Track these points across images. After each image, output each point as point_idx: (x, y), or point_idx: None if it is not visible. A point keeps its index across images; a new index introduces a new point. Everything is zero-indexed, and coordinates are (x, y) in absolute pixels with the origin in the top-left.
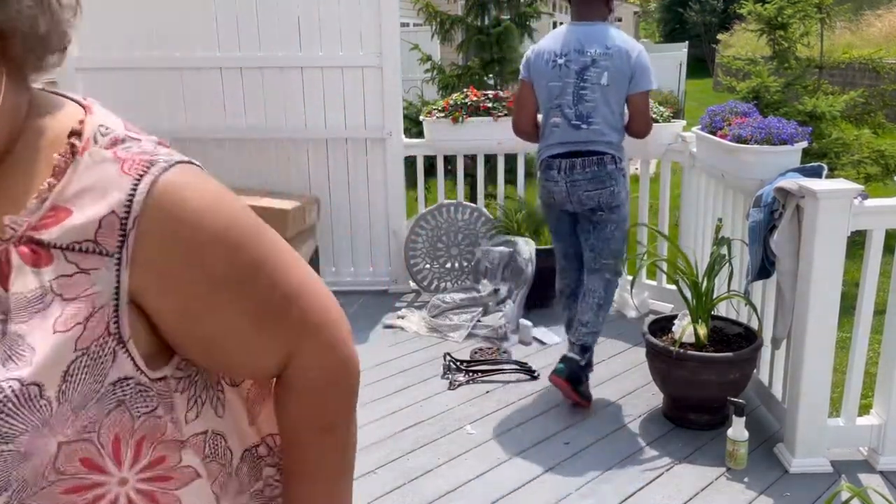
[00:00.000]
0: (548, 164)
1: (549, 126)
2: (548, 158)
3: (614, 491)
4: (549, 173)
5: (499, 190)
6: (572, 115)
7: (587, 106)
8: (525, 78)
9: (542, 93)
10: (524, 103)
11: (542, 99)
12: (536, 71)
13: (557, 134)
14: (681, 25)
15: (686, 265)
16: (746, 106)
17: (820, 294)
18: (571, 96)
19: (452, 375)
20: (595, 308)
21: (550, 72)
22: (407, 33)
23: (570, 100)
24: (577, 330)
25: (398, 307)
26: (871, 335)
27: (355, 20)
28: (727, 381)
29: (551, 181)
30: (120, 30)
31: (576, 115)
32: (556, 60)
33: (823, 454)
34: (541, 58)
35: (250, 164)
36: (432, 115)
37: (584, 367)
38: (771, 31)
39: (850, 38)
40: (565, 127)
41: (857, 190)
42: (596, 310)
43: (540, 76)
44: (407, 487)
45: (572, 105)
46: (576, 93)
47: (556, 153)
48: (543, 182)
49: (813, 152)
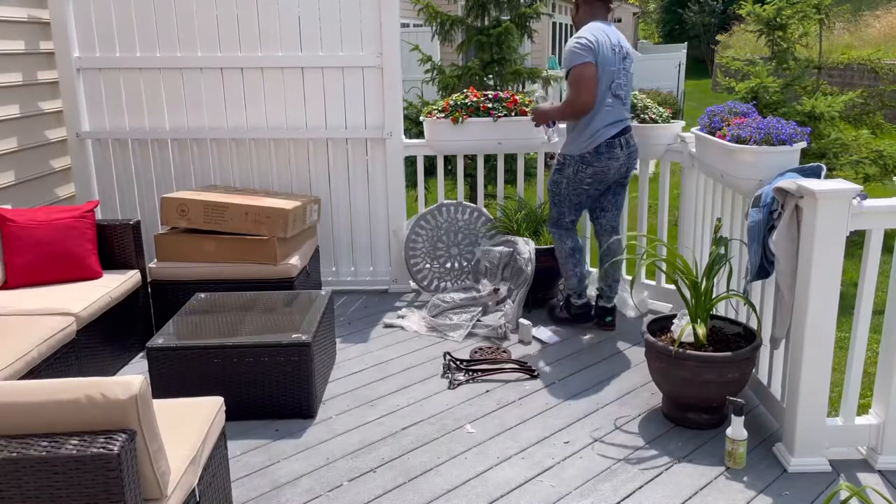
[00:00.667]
0: (609, 144)
1: (603, 106)
2: (609, 139)
3: (613, 490)
4: (612, 152)
5: (499, 190)
6: (623, 95)
7: (625, 89)
8: (592, 61)
9: (605, 75)
10: (593, 84)
11: (601, 81)
12: (602, 56)
13: (613, 113)
14: (680, 26)
15: (685, 265)
16: (745, 106)
17: (819, 294)
18: (622, 79)
19: (452, 375)
20: (620, 262)
21: (612, 57)
22: (407, 34)
23: (622, 82)
24: (613, 286)
25: (398, 307)
26: (870, 335)
27: (356, 21)
28: (726, 380)
29: (614, 159)
30: (120, 30)
31: (624, 96)
32: (614, 49)
33: (822, 453)
34: (604, 46)
35: (251, 164)
36: (432, 116)
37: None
38: (770, 31)
39: (848, 39)
40: (618, 106)
41: (856, 190)
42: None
43: (605, 61)
44: (407, 486)
45: (622, 87)
46: (622, 76)
47: (615, 133)
48: (606, 160)
49: (812, 152)
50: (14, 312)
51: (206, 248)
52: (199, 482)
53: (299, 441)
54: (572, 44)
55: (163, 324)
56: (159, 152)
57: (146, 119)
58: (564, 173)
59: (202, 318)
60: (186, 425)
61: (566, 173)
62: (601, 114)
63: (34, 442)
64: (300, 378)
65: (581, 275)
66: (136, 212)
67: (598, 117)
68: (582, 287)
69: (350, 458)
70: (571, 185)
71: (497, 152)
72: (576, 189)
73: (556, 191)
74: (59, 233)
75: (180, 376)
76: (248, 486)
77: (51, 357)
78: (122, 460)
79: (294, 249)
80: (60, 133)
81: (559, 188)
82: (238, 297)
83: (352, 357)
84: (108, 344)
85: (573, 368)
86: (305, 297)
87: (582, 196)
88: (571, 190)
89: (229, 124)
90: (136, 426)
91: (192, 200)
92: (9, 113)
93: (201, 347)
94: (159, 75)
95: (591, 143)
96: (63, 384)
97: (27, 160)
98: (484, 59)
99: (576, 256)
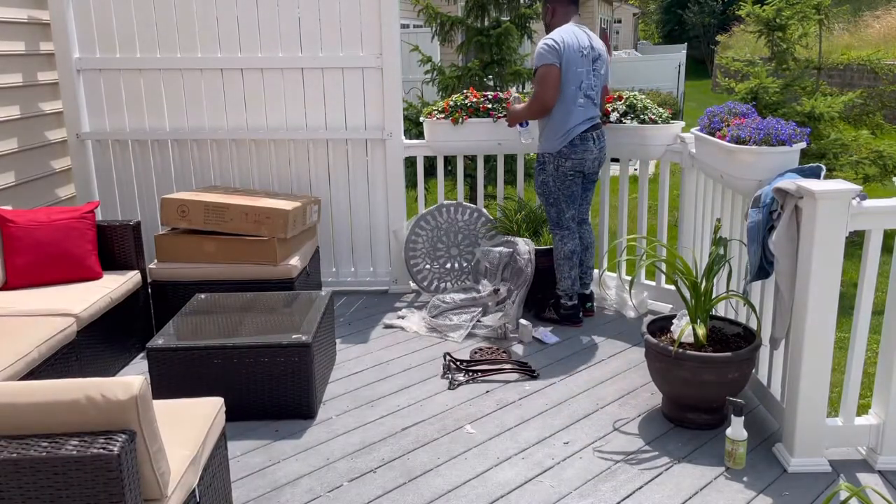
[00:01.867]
0: (583, 138)
1: (576, 105)
2: (583, 133)
3: (613, 490)
4: (586, 145)
5: (498, 190)
6: (594, 95)
7: (595, 90)
8: (556, 63)
9: (573, 76)
10: (556, 84)
11: (569, 81)
12: (567, 58)
13: (585, 112)
14: (680, 27)
15: (685, 266)
16: (745, 107)
17: (818, 294)
18: (591, 80)
19: (452, 375)
20: (593, 250)
21: (580, 59)
22: (407, 34)
23: (591, 83)
24: (588, 272)
25: (398, 307)
26: (870, 335)
27: (356, 21)
28: (726, 380)
29: (588, 151)
30: (121, 30)
31: (594, 97)
32: (582, 51)
33: (822, 454)
34: (571, 48)
35: (251, 164)
36: (432, 116)
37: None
38: (769, 32)
39: (848, 39)
40: (590, 106)
41: (856, 190)
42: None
43: (570, 63)
44: (407, 487)
45: (592, 87)
46: (591, 78)
47: (587, 128)
48: (581, 153)
49: (811, 153)
50: (14, 313)
51: (206, 248)
52: (199, 482)
53: (299, 441)
54: (541, 45)
55: (163, 324)
56: (159, 153)
57: (146, 120)
58: (547, 171)
59: (202, 318)
60: (186, 426)
61: (548, 170)
62: (575, 113)
63: (34, 442)
64: (300, 378)
65: (575, 277)
66: (137, 212)
67: (573, 116)
68: (574, 290)
69: (350, 459)
70: (557, 180)
71: (497, 153)
72: (563, 182)
73: (546, 191)
74: (59, 233)
75: (180, 377)
76: (248, 486)
77: (51, 358)
78: (122, 461)
79: (294, 250)
80: (61, 134)
81: (548, 187)
82: (238, 297)
83: (352, 357)
84: (108, 344)
85: (573, 368)
86: (305, 298)
87: (571, 187)
88: (559, 185)
89: (229, 125)
90: (137, 427)
91: (193, 201)
92: (9, 114)
93: (201, 348)
94: (159, 76)
95: (565, 139)
96: (63, 385)
97: (28, 161)
98: (484, 59)
99: (573, 259)
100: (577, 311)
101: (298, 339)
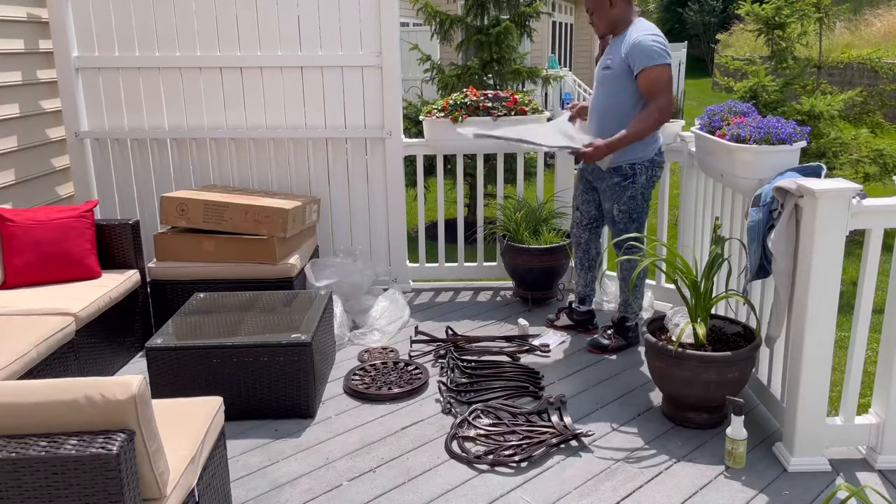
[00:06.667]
0: (662, 150)
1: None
2: (661, 147)
3: (613, 490)
4: (664, 156)
5: (498, 189)
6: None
7: None
8: (670, 63)
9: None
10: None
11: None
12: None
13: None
14: (680, 25)
15: (685, 265)
16: (745, 105)
17: (818, 293)
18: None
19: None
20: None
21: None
22: (406, 33)
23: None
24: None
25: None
26: (870, 334)
27: (355, 20)
28: (726, 380)
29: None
30: (119, 29)
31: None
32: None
33: (822, 453)
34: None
35: (250, 163)
36: (432, 115)
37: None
38: (769, 30)
39: (848, 38)
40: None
41: (856, 189)
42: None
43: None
44: (407, 486)
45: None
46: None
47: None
48: (662, 166)
49: (811, 152)
50: (13, 312)
51: (205, 247)
52: (198, 482)
53: (299, 441)
54: (650, 40)
55: (162, 323)
56: (158, 152)
57: (145, 118)
58: (638, 183)
59: (201, 317)
60: (185, 425)
61: (639, 182)
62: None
63: (33, 442)
64: (299, 378)
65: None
66: (136, 211)
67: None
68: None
69: (349, 458)
70: (647, 192)
71: (497, 152)
72: (648, 195)
73: (634, 207)
74: (58, 232)
75: (179, 376)
76: (247, 486)
77: (50, 357)
78: (120, 460)
79: (293, 249)
80: (60, 132)
81: (636, 203)
82: (237, 296)
83: (351, 357)
84: (107, 344)
85: (573, 368)
86: (305, 297)
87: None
88: (646, 198)
89: (228, 124)
90: (135, 426)
91: (192, 200)
92: (8, 112)
93: (200, 347)
94: (158, 75)
95: (656, 144)
96: (62, 384)
97: (27, 159)
98: (483, 58)
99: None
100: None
101: (298, 339)
